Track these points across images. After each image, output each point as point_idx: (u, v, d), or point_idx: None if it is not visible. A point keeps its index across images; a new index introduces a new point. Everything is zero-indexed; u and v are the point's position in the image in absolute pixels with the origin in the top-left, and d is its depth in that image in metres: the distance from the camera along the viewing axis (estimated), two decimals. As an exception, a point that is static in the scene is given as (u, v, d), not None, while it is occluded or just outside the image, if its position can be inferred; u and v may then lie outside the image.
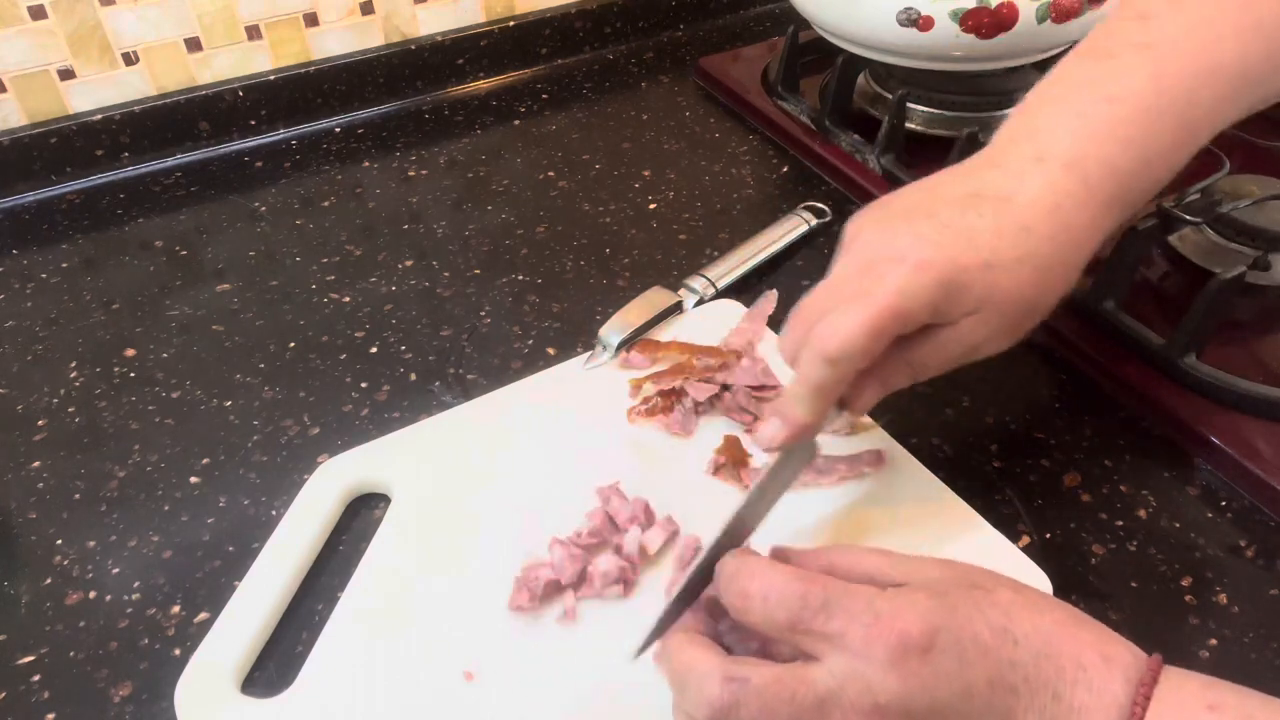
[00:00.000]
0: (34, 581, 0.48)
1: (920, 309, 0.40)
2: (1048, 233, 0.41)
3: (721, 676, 0.34)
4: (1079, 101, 0.43)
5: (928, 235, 0.41)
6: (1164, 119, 0.43)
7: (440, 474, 0.50)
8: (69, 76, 0.75)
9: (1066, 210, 0.42)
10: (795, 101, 0.80)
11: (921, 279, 0.40)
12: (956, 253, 0.40)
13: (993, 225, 0.41)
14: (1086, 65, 0.45)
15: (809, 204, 0.70)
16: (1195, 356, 0.52)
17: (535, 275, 0.66)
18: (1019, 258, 0.41)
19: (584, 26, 0.91)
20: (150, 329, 0.63)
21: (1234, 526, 0.48)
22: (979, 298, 0.41)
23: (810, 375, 0.41)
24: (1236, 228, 0.60)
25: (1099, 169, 0.42)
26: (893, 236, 0.41)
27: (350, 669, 0.42)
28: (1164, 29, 0.43)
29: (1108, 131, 0.42)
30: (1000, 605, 0.34)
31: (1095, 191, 0.42)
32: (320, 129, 0.83)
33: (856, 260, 0.42)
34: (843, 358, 0.40)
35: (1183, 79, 0.43)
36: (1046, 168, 0.42)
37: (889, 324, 0.40)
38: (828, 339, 0.40)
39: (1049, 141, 0.43)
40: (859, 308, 0.40)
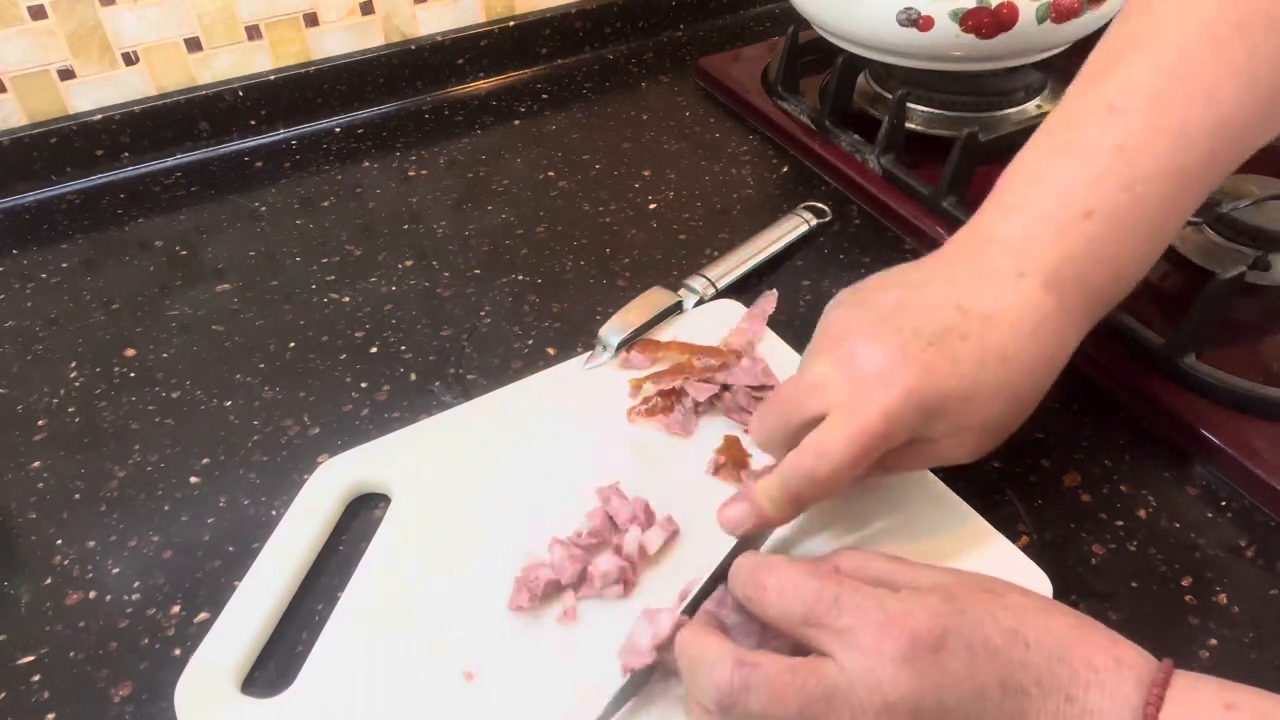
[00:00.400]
0: (34, 581, 0.48)
1: (904, 431, 0.41)
2: (1026, 361, 0.42)
3: (734, 661, 0.35)
4: (1055, 213, 0.44)
5: (914, 356, 0.41)
6: (1137, 231, 0.44)
7: (440, 474, 0.50)
8: (69, 76, 0.75)
9: (1044, 335, 0.43)
10: (795, 101, 0.80)
11: (907, 403, 0.41)
12: (940, 379, 0.41)
13: (975, 352, 0.42)
14: (1061, 166, 0.45)
15: (809, 204, 0.70)
16: (1195, 356, 0.52)
17: (535, 275, 0.66)
18: (998, 387, 0.42)
19: (584, 26, 0.91)
20: (150, 329, 0.63)
21: (1234, 526, 0.48)
22: (956, 423, 0.42)
23: (793, 486, 0.42)
24: (1236, 228, 0.60)
25: (1074, 289, 0.43)
26: (879, 349, 0.42)
27: (350, 669, 0.42)
28: (1134, 129, 0.43)
29: (1084, 250, 0.43)
30: (1011, 608, 0.35)
31: (1070, 313, 0.43)
32: (320, 129, 0.83)
33: (843, 369, 0.42)
34: (831, 480, 0.41)
35: (1154, 185, 0.43)
36: (1026, 285, 0.43)
37: (876, 447, 0.41)
38: (819, 461, 0.41)
39: (1029, 256, 0.43)
40: (848, 429, 0.40)
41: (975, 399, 0.42)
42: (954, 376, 0.41)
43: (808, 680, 0.34)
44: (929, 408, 0.41)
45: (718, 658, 0.35)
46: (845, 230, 0.69)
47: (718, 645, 0.36)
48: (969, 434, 0.43)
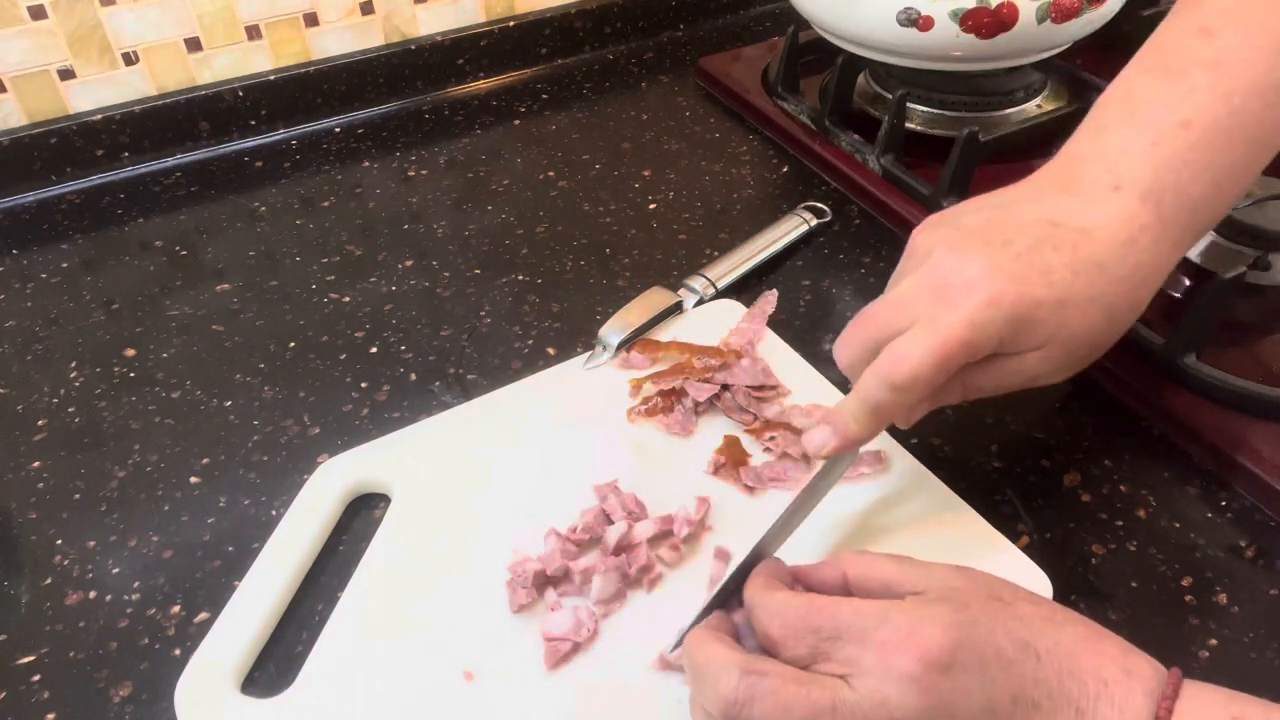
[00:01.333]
0: (34, 581, 0.48)
1: (989, 341, 0.40)
2: (1122, 272, 0.41)
3: (740, 670, 0.34)
4: (1152, 124, 0.43)
5: (1004, 266, 0.40)
6: (1235, 141, 0.42)
7: (440, 474, 0.50)
8: (69, 76, 0.75)
9: (1141, 246, 0.41)
10: (795, 101, 0.80)
11: (994, 313, 0.39)
12: (1031, 288, 0.40)
13: (1069, 261, 0.41)
14: (1156, 84, 0.44)
15: (809, 204, 0.70)
16: (1195, 356, 0.52)
17: (535, 275, 0.66)
18: (1091, 297, 0.41)
19: (584, 26, 0.91)
20: (150, 329, 0.63)
21: (1234, 526, 0.48)
22: (1048, 334, 0.41)
23: (871, 396, 0.41)
24: (1236, 228, 0.60)
25: (1174, 199, 0.42)
26: (966, 261, 0.41)
27: (350, 669, 0.42)
28: (1229, 45, 0.43)
29: (1182, 160, 0.42)
30: (1022, 618, 0.34)
31: (1169, 224, 0.42)
32: (320, 129, 0.83)
33: (928, 280, 0.41)
34: (910, 386, 0.40)
35: (1253, 97, 0.42)
36: (1123, 198, 0.42)
37: (958, 355, 0.40)
38: (896, 365, 0.40)
39: (1124, 168, 0.42)
40: (930, 336, 0.39)
41: (1068, 308, 0.40)
42: (1045, 285, 0.40)
43: (813, 692, 0.33)
44: (1018, 316, 0.40)
45: (724, 665, 0.35)
46: (845, 230, 0.69)
47: (725, 653, 0.35)
48: (1059, 348, 0.41)
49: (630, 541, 0.46)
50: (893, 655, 0.33)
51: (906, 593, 0.35)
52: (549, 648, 0.42)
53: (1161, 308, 0.58)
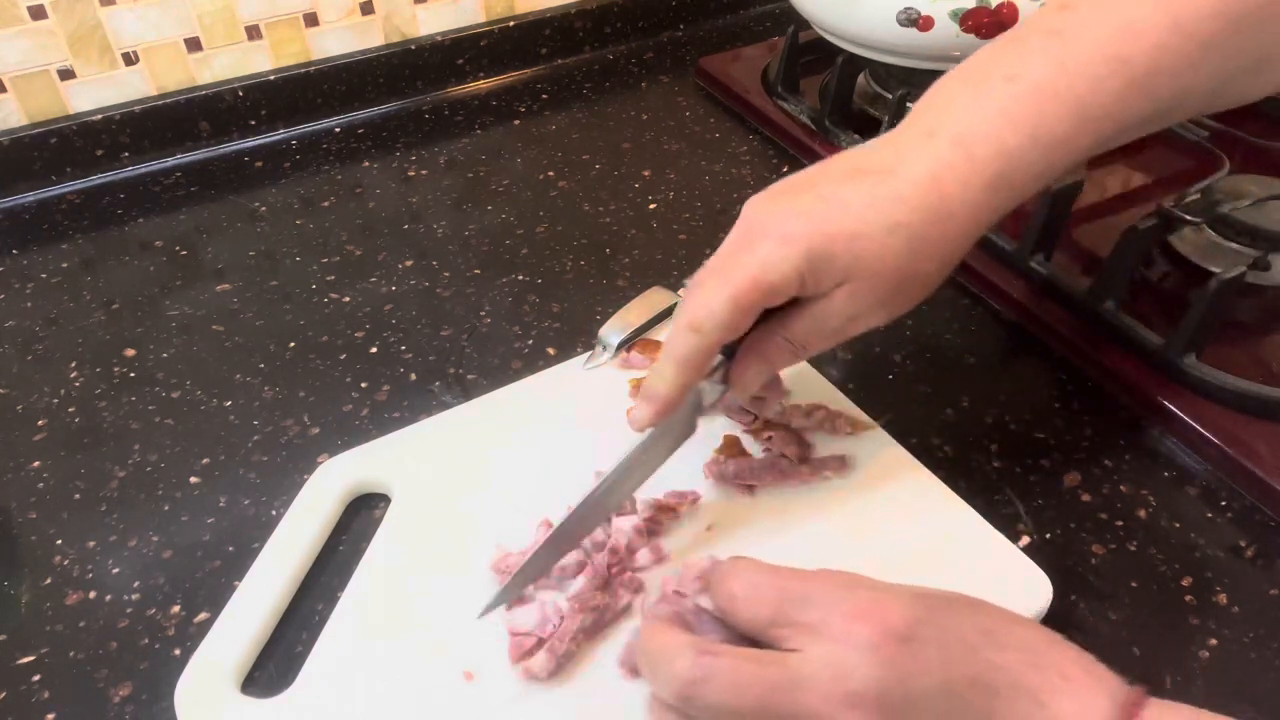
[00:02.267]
0: (34, 581, 0.48)
1: (783, 281, 0.40)
2: (922, 204, 0.41)
3: (694, 651, 0.34)
4: (979, 81, 0.43)
5: (800, 208, 0.41)
6: (1061, 102, 0.42)
7: (440, 474, 0.50)
8: (69, 76, 0.75)
9: (945, 182, 0.41)
10: (795, 101, 0.80)
11: (785, 250, 0.40)
12: (824, 224, 0.40)
13: (866, 195, 0.41)
14: (996, 49, 0.44)
15: (809, 204, 0.70)
16: (1195, 356, 0.52)
17: (535, 275, 0.66)
18: (889, 227, 0.41)
19: (584, 26, 0.91)
20: (150, 329, 0.63)
21: (1234, 526, 0.48)
22: (846, 267, 0.41)
23: (674, 346, 0.42)
24: (1236, 228, 0.60)
25: (985, 145, 0.42)
26: (767, 212, 0.42)
27: (350, 669, 0.42)
28: (1078, 18, 0.43)
29: (999, 109, 0.42)
30: (985, 612, 0.35)
31: (979, 168, 0.42)
32: (320, 129, 0.83)
33: (735, 235, 0.43)
34: (705, 328, 0.41)
35: (1088, 65, 0.42)
36: (934, 143, 0.42)
37: (751, 296, 0.40)
38: (692, 310, 0.41)
39: (941, 118, 0.43)
40: (722, 280, 0.40)
41: (862, 238, 0.40)
42: (840, 219, 0.40)
43: (769, 669, 0.33)
44: (809, 250, 0.40)
45: (677, 649, 0.34)
46: (845, 230, 0.69)
47: (677, 636, 0.35)
48: (863, 283, 0.41)
49: (613, 541, 0.45)
50: (854, 623, 0.33)
51: None
52: (514, 642, 0.42)
53: (1162, 308, 0.58)
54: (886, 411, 0.53)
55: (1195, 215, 0.58)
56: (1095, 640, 0.44)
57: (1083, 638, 0.43)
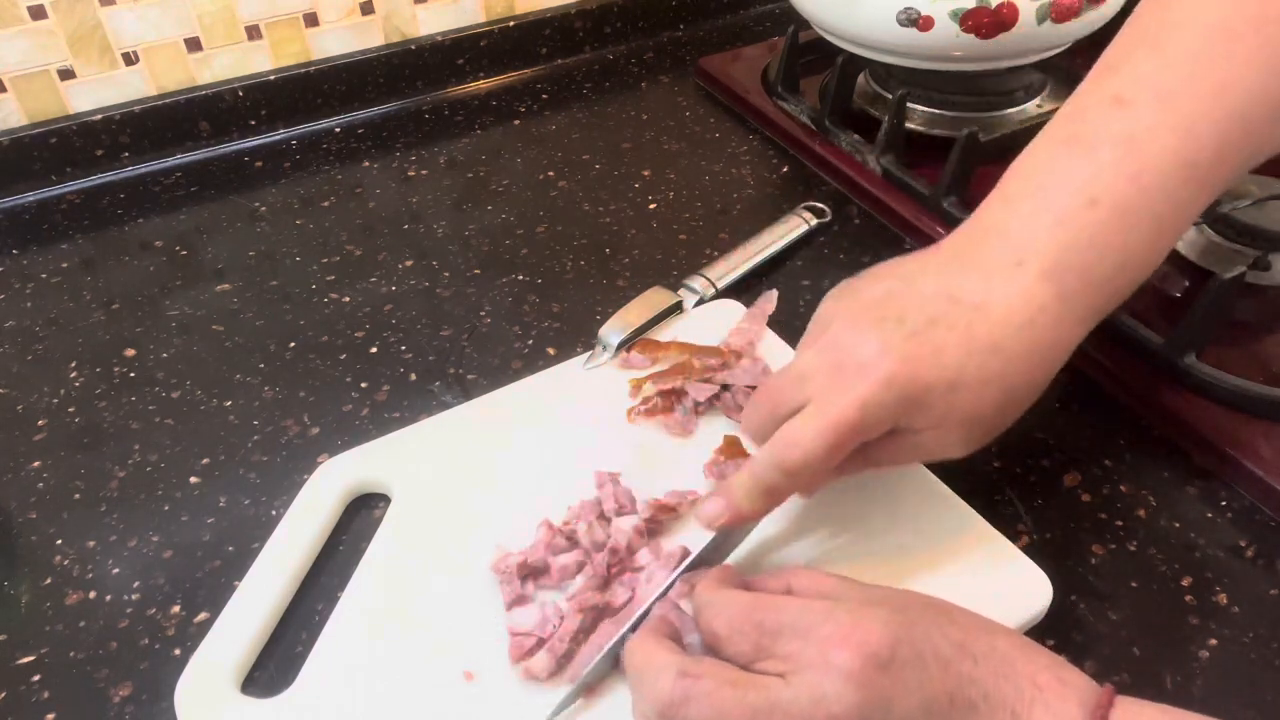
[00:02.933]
0: (34, 581, 0.48)
1: (881, 424, 0.40)
2: (1018, 353, 0.41)
3: (677, 671, 0.34)
4: (1058, 201, 0.42)
5: (896, 346, 0.40)
6: (1142, 221, 0.42)
7: (440, 474, 0.50)
8: (69, 76, 0.75)
9: (1040, 326, 0.41)
10: (795, 101, 0.80)
11: (885, 394, 0.39)
12: (923, 369, 0.40)
13: (962, 341, 0.40)
14: (1066, 157, 0.43)
15: (809, 204, 0.70)
16: (1195, 356, 0.52)
17: (535, 275, 0.66)
18: (985, 379, 0.40)
19: (584, 26, 0.91)
20: (150, 329, 0.63)
21: (1234, 526, 0.48)
22: (940, 415, 0.41)
23: (764, 477, 0.41)
24: (1236, 228, 0.60)
25: (1077, 279, 0.41)
26: (861, 339, 0.41)
27: (350, 669, 0.42)
28: (1141, 120, 0.42)
29: (1088, 239, 0.41)
30: (958, 624, 0.35)
31: (1071, 305, 0.42)
32: (320, 129, 0.83)
33: (824, 357, 0.42)
34: (801, 470, 0.40)
35: (1162, 177, 0.42)
36: (1023, 274, 0.41)
37: (849, 438, 0.40)
38: (788, 450, 0.40)
39: (1027, 244, 0.42)
40: (820, 419, 0.40)
41: (961, 390, 0.40)
42: (937, 367, 0.40)
43: (749, 693, 0.33)
44: (910, 398, 0.40)
45: (661, 667, 0.35)
46: (845, 230, 0.69)
47: (663, 654, 0.36)
48: (956, 427, 0.41)
49: (613, 542, 0.45)
50: (833, 649, 0.33)
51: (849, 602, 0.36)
52: (514, 642, 0.42)
53: (1161, 308, 0.58)
54: (886, 411, 0.53)
55: (1195, 215, 0.58)
56: (1095, 640, 0.44)
57: (1083, 638, 0.44)
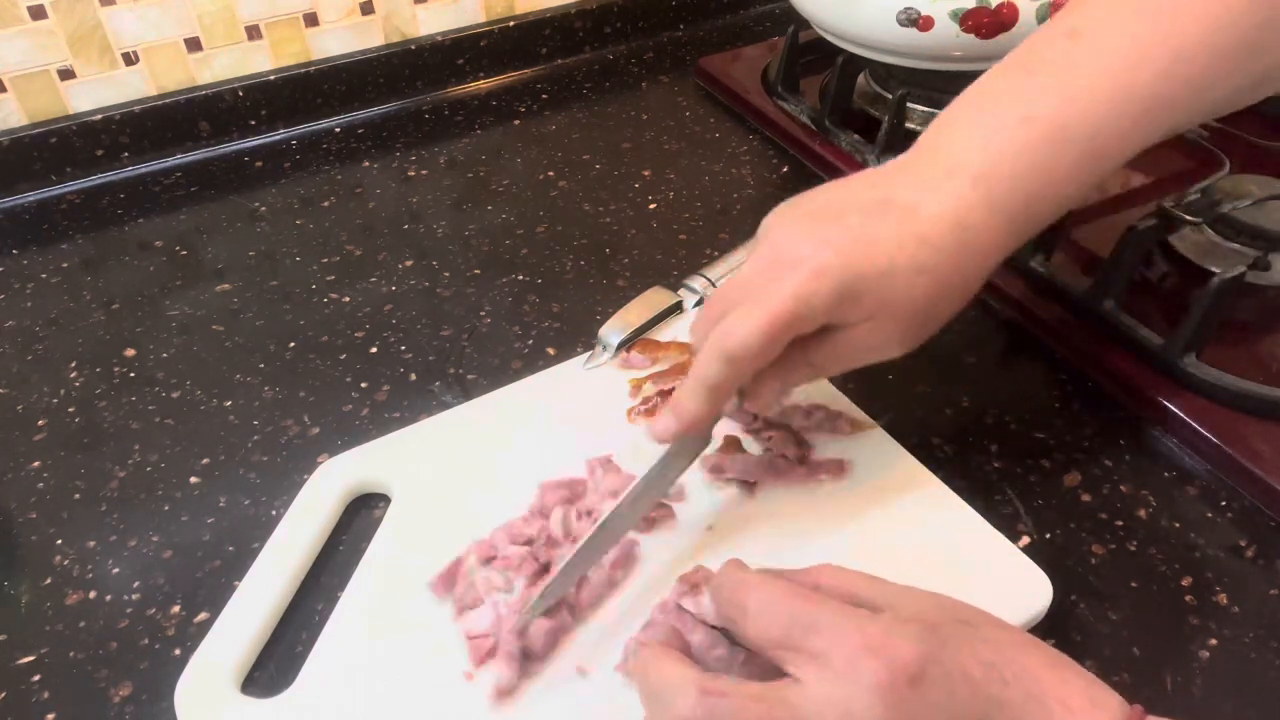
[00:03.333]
0: (34, 581, 0.48)
1: (815, 313, 0.41)
2: (948, 246, 0.42)
3: (698, 689, 0.33)
4: (995, 117, 0.44)
5: (830, 240, 0.42)
6: (1073, 143, 0.43)
7: (440, 474, 0.50)
8: (69, 76, 0.75)
9: (968, 225, 0.43)
10: (795, 101, 0.80)
11: (818, 284, 0.41)
12: (855, 259, 0.41)
13: (894, 234, 0.42)
14: (1009, 79, 0.45)
15: (809, 204, 0.70)
16: (1195, 356, 0.52)
17: (535, 275, 0.66)
18: (917, 268, 0.42)
19: (584, 26, 0.91)
20: (150, 329, 0.63)
21: (1234, 526, 0.48)
22: (875, 304, 0.42)
23: (706, 372, 0.42)
24: (1236, 228, 0.60)
25: (1004, 187, 0.43)
26: (797, 239, 0.42)
27: (350, 669, 0.42)
28: (1089, 49, 0.44)
29: (1016, 152, 0.43)
30: (989, 641, 0.34)
31: (998, 209, 0.43)
32: (320, 129, 0.83)
33: (762, 259, 0.43)
34: (738, 358, 0.41)
35: (1096, 104, 0.43)
36: (955, 182, 0.43)
37: (784, 327, 0.41)
38: (725, 338, 0.41)
39: (961, 155, 0.44)
40: (756, 310, 0.41)
41: (893, 277, 0.41)
42: (869, 257, 0.41)
43: (774, 709, 0.33)
44: (843, 286, 0.41)
45: (680, 685, 0.34)
46: (845, 230, 0.69)
47: (680, 671, 0.34)
48: (889, 319, 0.43)
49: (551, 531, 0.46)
50: (863, 660, 0.32)
51: (875, 606, 0.35)
52: (471, 645, 0.42)
53: (1161, 308, 0.58)
54: (886, 411, 0.53)
55: (1195, 215, 0.58)
56: (1095, 640, 0.44)
57: (1083, 638, 0.44)
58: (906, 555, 0.45)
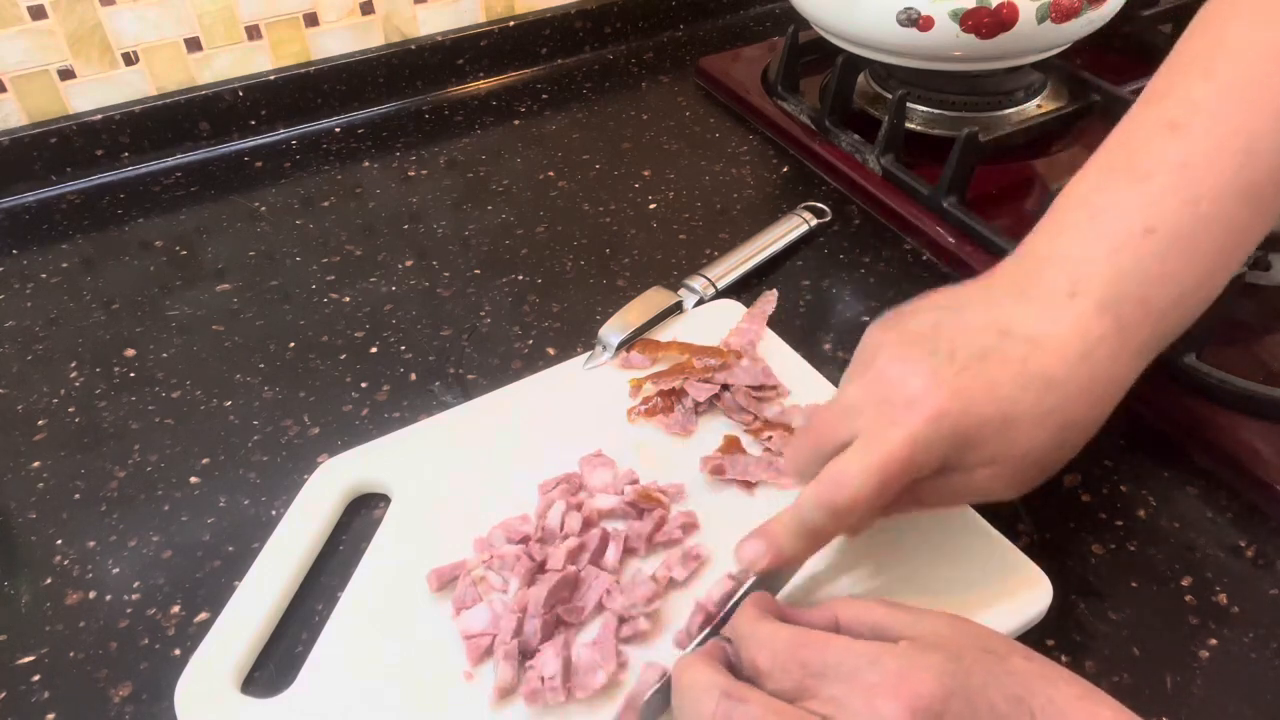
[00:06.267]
0: (34, 581, 0.48)
1: (932, 460, 0.38)
2: (1075, 387, 0.39)
3: (721, 692, 0.33)
4: (1113, 230, 0.40)
5: (947, 380, 0.38)
6: (1201, 248, 0.40)
7: (440, 474, 0.50)
8: (69, 76, 0.75)
9: (1097, 359, 0.39)
10: (795, 101, 0.80)
11: (936, 431, 0.38)
12: (975, 404, 0.38)
13: (1016, 375, 0.38)
14: (1120, 185, 0.41)
15: (809, 204, 0.70)
16: (1195, 356, 0.52)
17: (535, 275, 0.66)
18: (1041, 414, 0.38)
19: (584, 26, 0.91)
20: (150, 329, 0.63)
21: (1234, 526, 0.48)
22: (994, 452, 0.39)
23: (809, 517, 0.39)
24: (1236, 228, 0.60)
25: (1135, 309, 0.39)
26: (909, 373, 0.39)
27: (350, 669, 0.42)
28: (1197, 145, 0.40)
29: (1145, 268, 0.39)
30: (1015, 673, 0.33)
31: (1128, 337, 0.40)
32: (320, 129, 0.83)
33: (872, 390, 0.40)
34: (849, 510, 0.38)
35: (1220, 203, 0.40)
36: (1079, 305, 0.39)
37: (898, 476, 0.38)
38: (835, 490, 0.38)
39: (1081, 273, 0.40)
40: (869, 456, 0.38)
41: (1016, 425, 0.38)
42: (991, 402, 0.38)
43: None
44: (961, 435, 0.38)
45: (706, 687, 0.34)
46: (845, 230, 0.69)
47: (709, 675, 0.34)
48: (1008, 465, 0.39)
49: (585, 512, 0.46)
50: (881, 699, 0.31)
51: (895, 636, 0.34)
52: (469, 645, 0.42)
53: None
54: (886, 411, 0.53)
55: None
56: (1095, 640, 0.44)
57: (1083, 638, 0.44)
58: (906, 555, 0.45)
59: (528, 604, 0.42)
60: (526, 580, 0.44)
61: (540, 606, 0.42)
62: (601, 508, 0.47)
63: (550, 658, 0.41)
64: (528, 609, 0.42)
